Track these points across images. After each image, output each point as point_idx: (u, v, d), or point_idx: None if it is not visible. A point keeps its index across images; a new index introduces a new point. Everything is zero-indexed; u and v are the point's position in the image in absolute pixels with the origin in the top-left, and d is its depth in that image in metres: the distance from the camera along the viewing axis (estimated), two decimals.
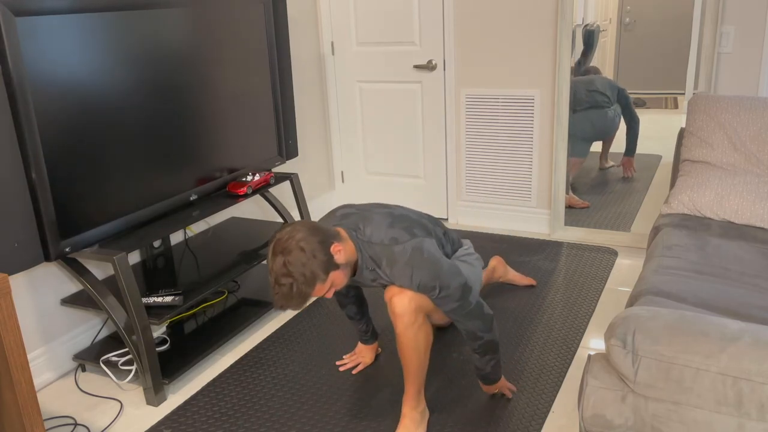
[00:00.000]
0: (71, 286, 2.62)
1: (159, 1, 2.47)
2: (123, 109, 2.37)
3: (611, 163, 3.92)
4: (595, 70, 3.74)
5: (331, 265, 1.85)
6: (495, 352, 2.14)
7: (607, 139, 3.87)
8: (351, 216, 2.06)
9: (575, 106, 3.69)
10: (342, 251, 1.89)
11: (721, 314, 1.83)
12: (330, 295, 1.93)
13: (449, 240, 2.32)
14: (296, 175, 3.20)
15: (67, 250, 2.21)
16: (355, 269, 2.04)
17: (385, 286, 2.09)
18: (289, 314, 3.01)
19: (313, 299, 1.87)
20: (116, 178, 2.37)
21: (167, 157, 2.58)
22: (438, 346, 2.66)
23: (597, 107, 3.70)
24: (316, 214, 4.20)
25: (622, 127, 3.79)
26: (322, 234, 1.86)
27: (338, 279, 1.91)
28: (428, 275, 1.94)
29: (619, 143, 3.85)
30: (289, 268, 1.78)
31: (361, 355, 2.57)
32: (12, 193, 2.02)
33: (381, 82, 4.00)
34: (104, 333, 2.76)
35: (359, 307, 2.48)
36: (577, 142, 3.79)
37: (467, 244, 2.46)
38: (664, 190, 3.71)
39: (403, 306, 1.96)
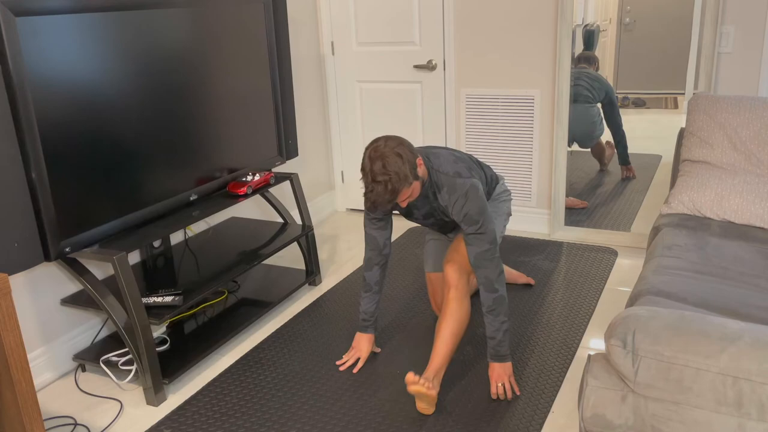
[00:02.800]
0: (71, 286, 2.62)
1: (159, 1, 2.47)
2: (123, 109, 2.37)
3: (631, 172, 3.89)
4: (591, 59, 3.70)
5: (415, 173, 2.15)
6: (506, 315, 2.31)
7: (591, 146, 3.85)
8: (420, 149, 2.41)
9: None
10: (422, 166, 2.24)
11: (721, 314, 1.83)
12: (405, 204, 2.21)
13: (491, 179, 2.66)
14: (296, 175, 3.20)
15: (67, 250, 2.21)
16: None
17: (433, 224, 2.53)
18: (289, 314, 3.02)
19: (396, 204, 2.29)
20: (116, 178, 2.37)
21: (167, 156, 2.58)
22: None
23: (576, 102, 3.67)
24: (317, 214, 4.21)
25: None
26: (411, 147, 2.19)
27: (415, 190, 2.20)
28: (476, 210, 2.25)
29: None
30: (387, 168, 2.08)
31: (359, 349, 2.57)
32: (12, 193, 2.02)
33: (381, 82, 4.00)
34: (104, 333, 2.76)
35: (381, 276, 2.55)
36: None
37: (503, 179, 2.78)
38: (664, 190, 3.71)
39: (456, 275, 2.35)
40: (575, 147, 3.80)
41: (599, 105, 3.72)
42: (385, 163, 2.08)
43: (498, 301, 2.28)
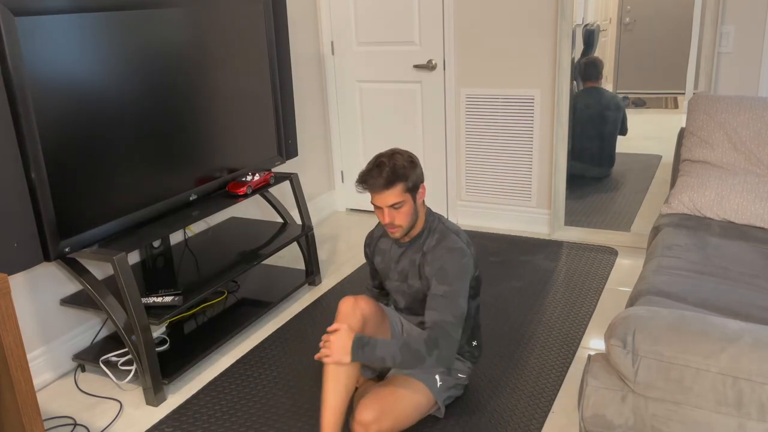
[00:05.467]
0: (71, 286, 2.62)
1: (159, 1, 2.47)
2: (123, 109, 2.37)
3: None
4: (599, 70, 3.71)
5: (415, 188, 2.06)
6: (402, 362, 1.94)
7: (608, 173, 3.93)
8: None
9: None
10: (424, 196, 2.12)
11: (721, 314, 1.83)
12: (387, 218, 2.04)
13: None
14: (296, 174, 3.20)
15: (66, 250, 2.21)
16: (412, 239, 2.18)
17: (404, 294, 2.21)
18: (288, 314, 3.02)
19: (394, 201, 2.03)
20: (116, 178, 2.37)
21: (167, 156, 2.58)
22: None
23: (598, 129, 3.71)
24: (316, 214, 4.20)
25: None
26: (422, 173, 2.13)
27: (405, 209, 2.05)
28: (454, 270, 2.03)
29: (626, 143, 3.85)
30: (395, 156, 2.04)
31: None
32: (12, 193, 2.02)
33: (381, 82, 4.00)
34: (104, 333, 2.76)
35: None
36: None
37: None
38: (664, 190, 3.71)
39: (371, 418, 1.98)
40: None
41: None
42: (395, 153, 2.05)
43: (416, 354, 1.92)
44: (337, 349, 1.93)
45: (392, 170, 2.00)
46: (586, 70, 3.70)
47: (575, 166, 3.82)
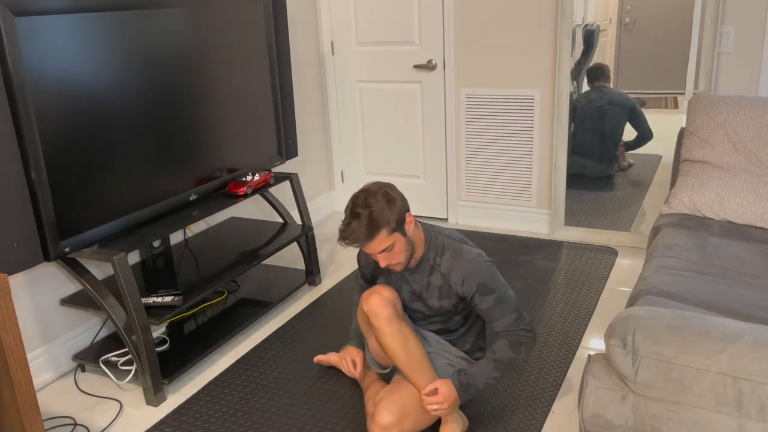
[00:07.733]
0: (71, 286, 2.62)
1: (159, 1, 2.47)
2: (123, 109, 2.37)
3: (629, 161, 3.88)
4: (605, 71, 3.70)
5: (400, 224, 1.94)
6: (501, 376, 2.06)
7: (611, 172, 3.91)
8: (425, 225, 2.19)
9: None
10: (413, 223, 2.00)
11: (721, 314, 1.83)
12: (384, 262, 1.98)
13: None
14: (296, 175, 3.20)
15: (66, 250, 2.21)
16: (417, 263, 2.11)
17: (416, 312, 2.16)
18: (288, 314, 3.02)
19: (379, 245, 1.94)
20: (116, 178, 2.37)
21: (167, 157, 2.58)
22: None
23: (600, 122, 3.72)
24: (316, 214, 4.21)
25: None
26: (404, 199, 1.99)
27: (398, 247, 1.96)
28: (489, 277, 2.02)
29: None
30: (369, 201, 1.90)
31: (350, 355, 2.34)
32: (12, 193, 2.02)
33: (381, 82, 4.00)
34: (104, 333, 2.76)
35: None
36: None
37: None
38: (664, 190, 3.71)
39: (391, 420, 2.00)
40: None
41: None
42: (368, 198, 1.90)
43: (511, 361, 2.03)
44: (450, 402, 2.00)
45: (370, 220, 1.88)
46: (594, 72, 3.70)
47: (576, 164, 3.82)
